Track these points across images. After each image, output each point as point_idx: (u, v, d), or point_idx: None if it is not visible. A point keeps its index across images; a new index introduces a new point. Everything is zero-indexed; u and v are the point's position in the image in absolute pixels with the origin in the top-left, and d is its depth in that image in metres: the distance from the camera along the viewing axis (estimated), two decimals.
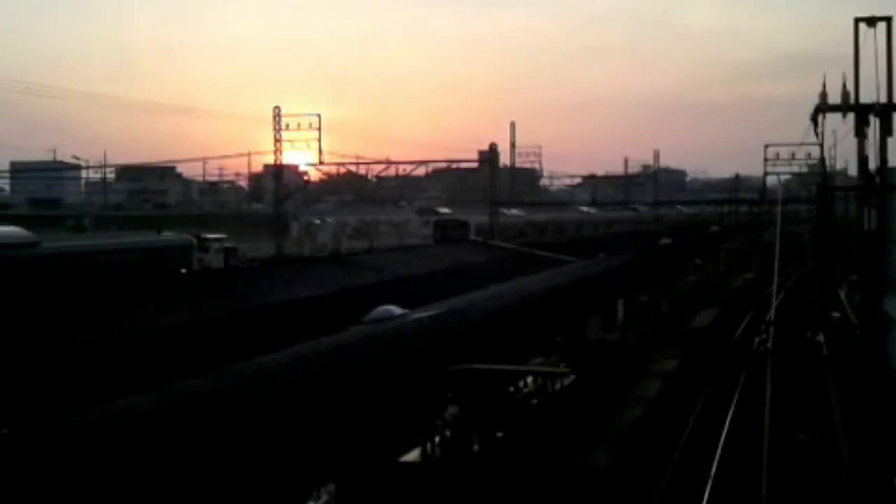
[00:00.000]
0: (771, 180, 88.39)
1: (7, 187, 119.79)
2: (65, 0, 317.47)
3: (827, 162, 47.95)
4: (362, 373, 15.45)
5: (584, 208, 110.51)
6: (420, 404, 16.34)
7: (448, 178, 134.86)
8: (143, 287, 28.80)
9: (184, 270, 43.70)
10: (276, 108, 64.87)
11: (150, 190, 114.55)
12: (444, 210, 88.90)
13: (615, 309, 32.89)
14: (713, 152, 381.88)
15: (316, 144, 64.08)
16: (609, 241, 76.18)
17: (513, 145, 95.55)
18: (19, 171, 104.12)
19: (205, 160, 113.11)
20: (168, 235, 50.35)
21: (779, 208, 55.18)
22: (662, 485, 20.89)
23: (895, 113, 26.93)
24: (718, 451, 23.41)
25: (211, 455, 10.96)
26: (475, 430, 17.49)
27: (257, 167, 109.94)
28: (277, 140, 65.01)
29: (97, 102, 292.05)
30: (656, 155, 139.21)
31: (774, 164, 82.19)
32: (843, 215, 47.91)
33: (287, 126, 64.80)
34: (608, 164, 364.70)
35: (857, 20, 27.85)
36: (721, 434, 24.99)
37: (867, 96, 27.53)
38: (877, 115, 26.98)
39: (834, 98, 28.45)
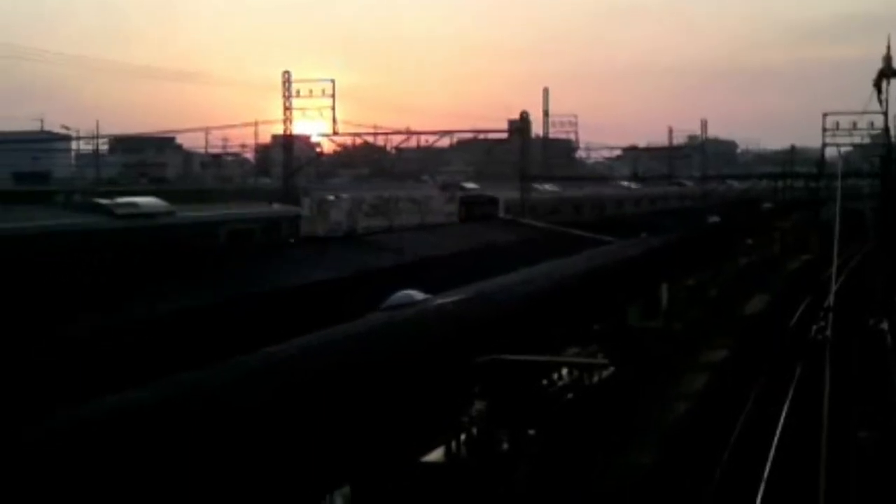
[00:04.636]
0: (830, 152, 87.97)
1: None
2: None
3: (891, 132, 47.65)
4: (380, 365, 15.45)
5: (625, 183, 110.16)
6: (444, 399, 16.36)
7: (474, 150, 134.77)
8: (142, 271, 28.88)
9: (292, 240, 47.36)
10: (286, 73, 65.09)
11: (146, 163, 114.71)
12: (471, 185, 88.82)
13: (659, 294, 32.85)
14: (766, 122, 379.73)
15: (329, 113, 64.35)
16: (652, 218, 75.95)
17: (546, 114, 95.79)
18: (2, 142, 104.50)
19: (207, 130, 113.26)
20: (279, 207, 54.00)
21: (838, 183, 54.85)
22: (711, 489, 20.89)
23: None
24: (772, 451, 23.40)
25: (212, 455, 11.00)
26: (504, 428, 17.52)
27: (265, 138, 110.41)
28: (287, 108, 65.19)
29: (88, 67, 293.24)
30: (704, 124, 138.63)
31: (834, 135, 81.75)
32: None
33: (298, 93, 64.96)
34: (651, 134, 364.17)
35: None
36: (775, 433, 24.97)
37: None
38: None
39: None
